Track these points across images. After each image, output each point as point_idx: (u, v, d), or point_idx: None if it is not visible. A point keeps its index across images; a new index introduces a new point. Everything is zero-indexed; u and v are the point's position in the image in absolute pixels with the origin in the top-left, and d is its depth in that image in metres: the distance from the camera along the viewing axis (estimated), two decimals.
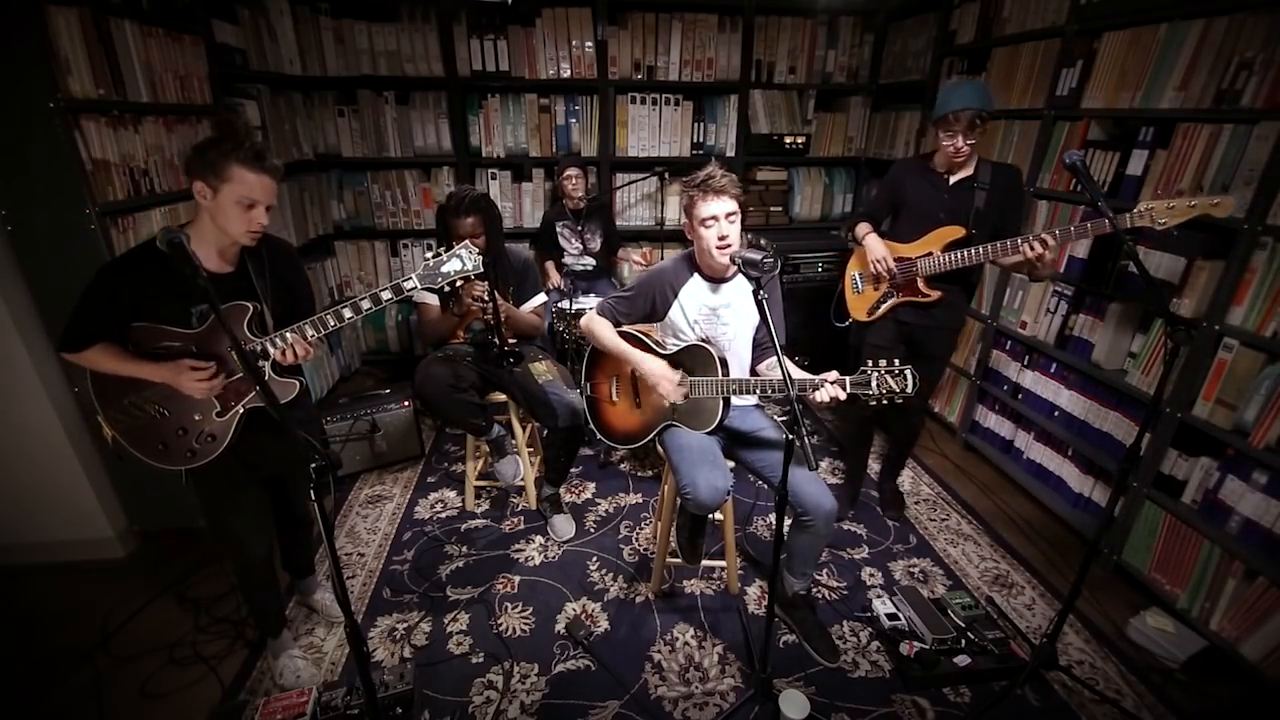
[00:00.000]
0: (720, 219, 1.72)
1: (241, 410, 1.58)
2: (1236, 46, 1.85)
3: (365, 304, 1.55)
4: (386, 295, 1.56)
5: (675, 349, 1.89)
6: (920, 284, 2.16)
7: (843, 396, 1.58)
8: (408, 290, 1.59)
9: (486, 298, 2.16)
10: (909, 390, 1.55)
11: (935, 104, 2.03)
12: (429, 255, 1.64)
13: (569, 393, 2.29)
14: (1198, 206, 1.62)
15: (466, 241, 1.65)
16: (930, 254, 2.12)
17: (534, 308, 2.47)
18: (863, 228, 2.28)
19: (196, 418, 1.56)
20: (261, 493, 1.75)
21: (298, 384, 1.63)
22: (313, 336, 1.54)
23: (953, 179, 2.10)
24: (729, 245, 1.73)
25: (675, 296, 1.90)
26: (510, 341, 2.25)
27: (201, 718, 1.73)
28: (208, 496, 1.68)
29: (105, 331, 1.48)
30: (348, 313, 1.54)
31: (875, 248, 2.20)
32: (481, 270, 1.65)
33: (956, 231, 2.08)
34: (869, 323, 2.32)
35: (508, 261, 2.38)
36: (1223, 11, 1.88)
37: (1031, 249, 1.86)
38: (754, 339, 1.96)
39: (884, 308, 2.25)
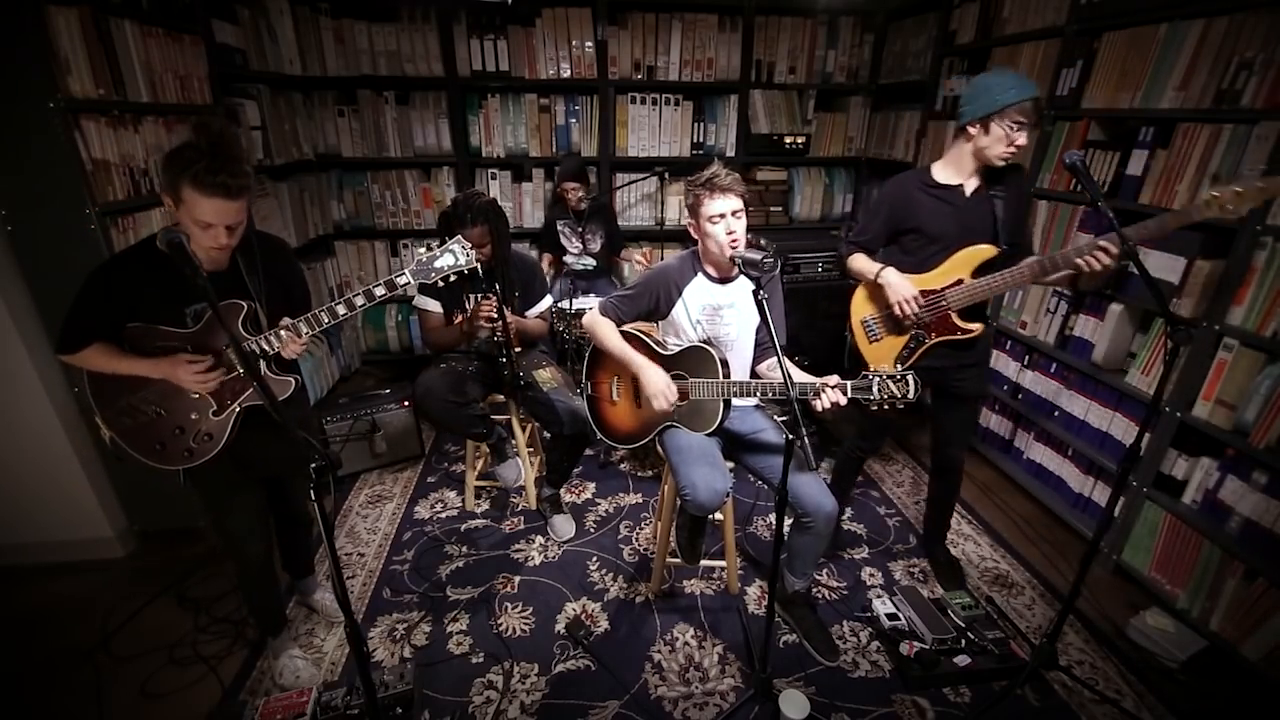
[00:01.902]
0: (728, 216, 1.74)
1: (238, 409, 1.57)
2: (1236, 46, 1.84)
3: (359, 300, 1.54)
4: (380, 291, 1.55)
5: (676, 349, 1.89)
6: (954, 318, 1.85)
7: (843, 402, 1.58)
8: (401, 285, 1.57)
9: (496, 316, 2.15)
10: (910, 396, 1.54)
11: (979, 94, 1.68)
12: (422, 251, 1.62)
13: (573, 399, 2.28)
14: (1268, 189, 1.45)
15: (459, 236, 1.64)
16: (959, 281, 1.81)
17: (540, 312, 2.47)
18: (864, 261, 1.95)
19: (193, 417, 1.56)
20: (259, 493, 1.75)
21: (293, 381, 1.63)
22: (307, 334, 1.53)
23: (969, 190, 1.82)
24: (738, 241, 1.75)
25: (680, 294, 1.90)
26: (517, 349, 2.25)
27: (201, 718, 1.73)
28: (205, 497, 1.68)
29: (100, 332, 1.48)
30: (342, 309, 1.53)
31: (899, 285, 1.84)
32: (475, 265, 1.63)
33: (986, 251, 1.78)
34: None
35: (514, 269, 2.37)
36: (1223, 11, 1.87)
37: (1096, 261, 1.60)
38: (756, 339, 1.96)
39: (916, 354, 1.91)
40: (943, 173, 1.85)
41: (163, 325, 1.50)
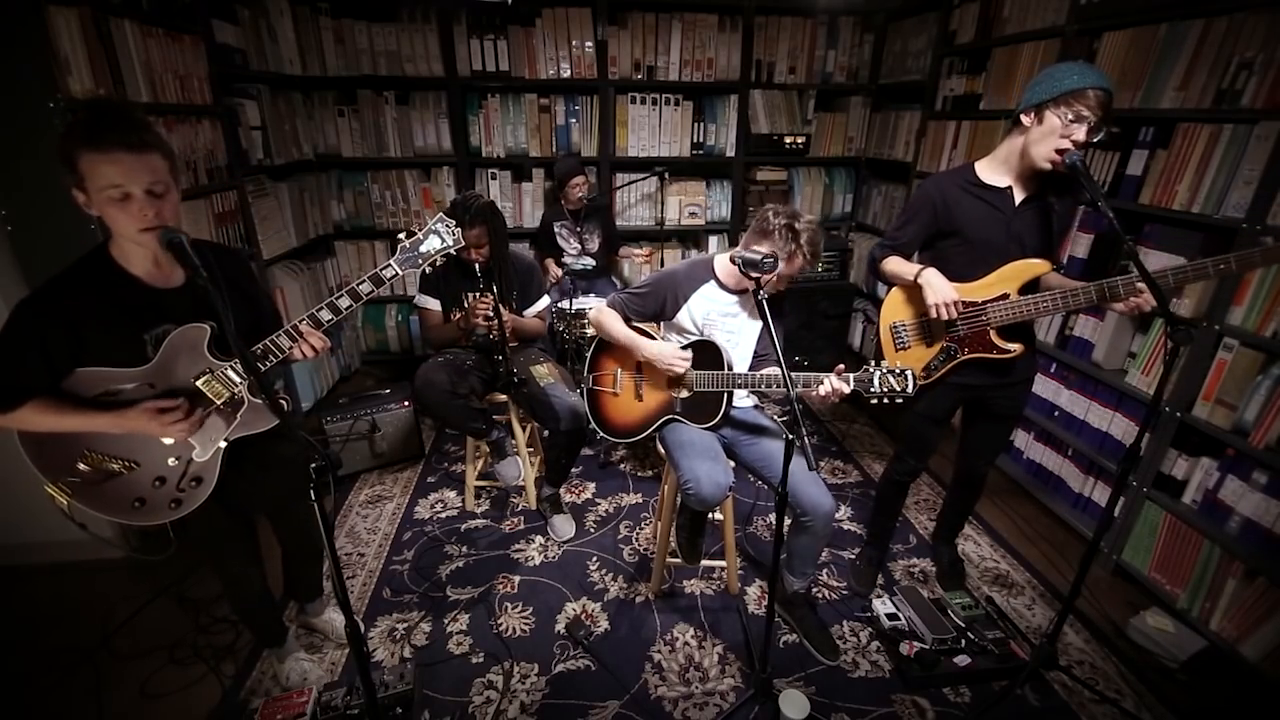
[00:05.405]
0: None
1: (223, 443, 1.40)
2: (1236, 46, 1.84)
3: (344, 301, 1.43)
4: (365, 289, 1.44)
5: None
6: (993, 335, 1.70)
7: (846, 390, 1.59)
8: (388, 279, 1.47)
9: (492, 314, 2.15)
10: (909, 391, 1.55)
11: (1040, 81, 1.52)
12: (403, 236, 1.53)
13: (570, 395, 2.29)
14: None
15: (441, 215, 1.57)
16: (1004, 296, 1.66)
17: (538, 312, 2.48)
18: (901, 264, 1.77)
19: (172, 462, 1.37)
20: (251, 535, 1.67)
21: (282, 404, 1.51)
22: (329, 319, 1.40)
23: (1019, 197, 1.65)
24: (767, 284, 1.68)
25: (686, 299, 1.91)
26: (513, 344, 2.25)
27: (201, 718, 1.73)
28: (199, 548, 1.57)
29: (38, 383, 1.23)
30: (326, 315, 1.42)
31: (940, 287, 1.64)
32: (463, 244, 1.58)
33: (1040, 267, 1.63)
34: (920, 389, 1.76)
35: (511, 268, 2.38)
36: (1223, 11, 1.87)
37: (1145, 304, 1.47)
38: (755, 352, 1.97)
39: (943, 369, 1.77)
40: (989, 172, 1.67)
41: (117, 365, 1.28)
